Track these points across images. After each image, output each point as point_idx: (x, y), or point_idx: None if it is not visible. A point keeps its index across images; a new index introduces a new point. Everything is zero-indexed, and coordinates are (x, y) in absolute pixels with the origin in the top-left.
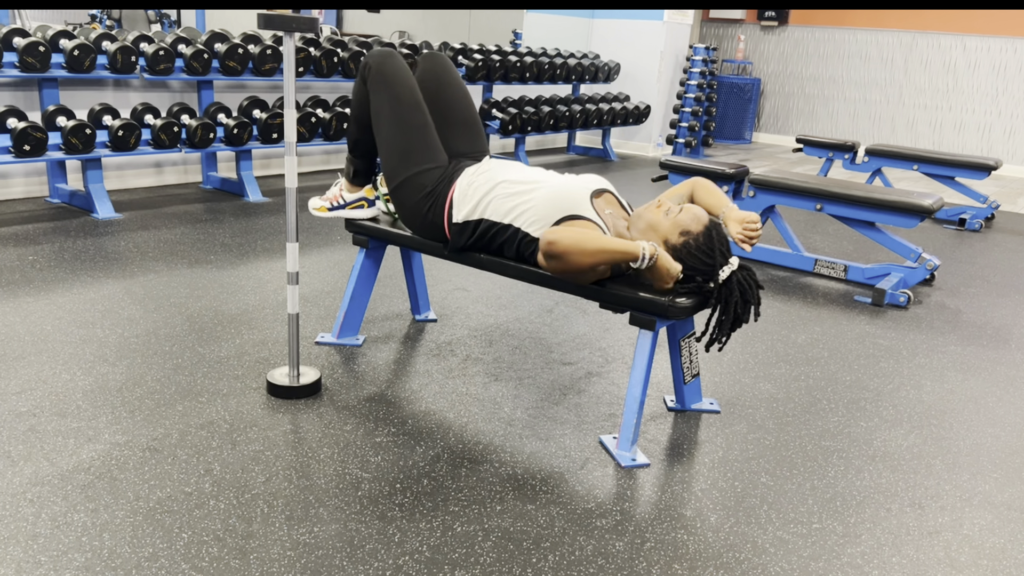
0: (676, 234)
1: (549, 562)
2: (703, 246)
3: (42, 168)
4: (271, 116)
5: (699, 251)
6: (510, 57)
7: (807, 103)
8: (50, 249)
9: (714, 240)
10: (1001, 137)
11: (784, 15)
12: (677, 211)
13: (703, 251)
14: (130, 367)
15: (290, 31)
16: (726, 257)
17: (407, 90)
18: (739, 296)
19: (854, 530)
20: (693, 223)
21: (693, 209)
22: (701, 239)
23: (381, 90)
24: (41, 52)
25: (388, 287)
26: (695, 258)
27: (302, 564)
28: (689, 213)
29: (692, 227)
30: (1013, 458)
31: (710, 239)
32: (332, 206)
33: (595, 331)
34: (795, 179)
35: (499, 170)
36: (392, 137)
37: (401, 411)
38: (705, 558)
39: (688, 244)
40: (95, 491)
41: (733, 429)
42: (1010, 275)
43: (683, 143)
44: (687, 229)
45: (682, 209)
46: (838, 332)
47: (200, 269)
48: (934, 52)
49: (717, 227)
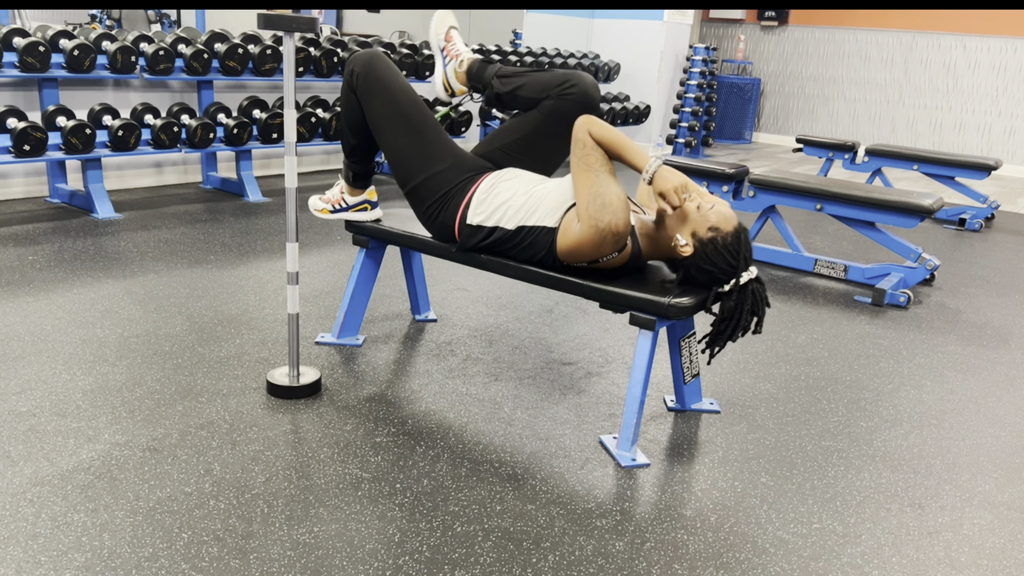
0: (705, 228)
1: (549, 562)
2: (731, 247)
3: (42, 168)
4: (271, 116)
5: (725, 250)
6: (510, 57)
7: (807, 103)
8: (50, 249)
9: (741, 244)
10: (1001, 137)
11: (784, 15)
12: (709, 207)
13: (729, 251)
14: (130, 367)
15: (290, 31)
16: (748, 263)
17: (402, 90)
18: (749, 305)
19: (854, 530)
20: (723, 222)
21: (725, 209)
22: (729, 239)
23: (375, 96)
24: (41, 52)
25: (388, 287)
26: (720, 256)
27: (302, 564)
28: (719, 212)
29: (722, 226)
30: (1013, 458)
31: (738, 242)
32: (334, 209)
33: (595, 331)
34: (795, 179)
35: (522, 181)
36: (397, 143)
37: (401, 411)
38: (705, 558)
39: (715, 240)
40: (95, 491)
41: (733, 429)
42: (1010, 275)
43: (683, 143)
44: (716, 226)
45: (713, 206)
46: (838, 332)
47: (200, 269)
48: (934, 52)
49: (745, 232)
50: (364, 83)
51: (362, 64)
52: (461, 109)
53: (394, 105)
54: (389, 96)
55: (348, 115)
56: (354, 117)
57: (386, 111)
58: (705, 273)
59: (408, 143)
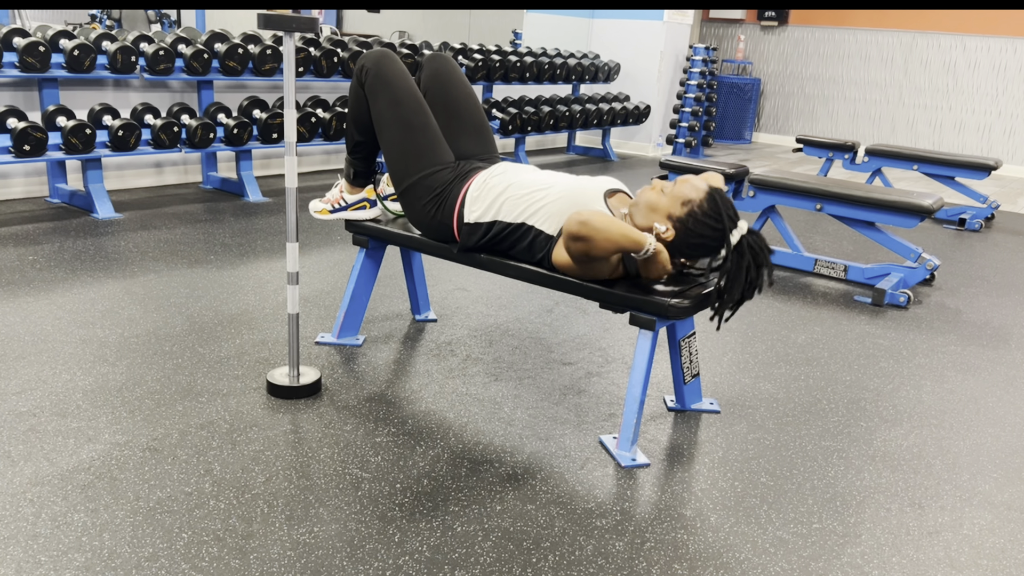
0: (678, 206)
1: (549, 562)
2: (709, 211)
3: (42, 168)
4: (271, 116)
5: (706, 217)
6: (510, 57)
7: (807, 103)
8: (50, 249)
9: (719, 204)
10: (1001, 137)
11: (784, 15)
12: (671, 186)
13: (710, 216)
14: (130, 367)
15: (290, 31)
16: (734, 220)
17: (407, 91)
18: (751, 260)
19: (854, 530)
20: (693, 192)
21: (691, 179)
22: (706, 205)
23: (381, 93)
24: (41, 52)
25: (388, 287)
26: (703, 224)
27: (302, 564)
28: (686, 184)
29: (693, 196)
30: (1013, 458)
31: (715, 204)
32: (333, 208)
33: (595, 331)
34: (795, 179)
35: (513, 173)
36: (396, 140)
37: (401, 411)
38: (705, 558)
39: (693, 212)
40: (95, 491)
41: (733, 429)
42: (1010, 275)
43: (683, 143)
44: (688, 199)
45: (676, 182)
46: (838, 332)
47: (200, 269)
48: (934, 52)
49: (719, 192)
50: (372, 80)
51: (372, 62)
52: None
53: (398, 104)
54: (394, 95)
55: (355, 111)
56: (360, 114)
57: (390, 109)
58: (698, 249)
59: (408, 141)
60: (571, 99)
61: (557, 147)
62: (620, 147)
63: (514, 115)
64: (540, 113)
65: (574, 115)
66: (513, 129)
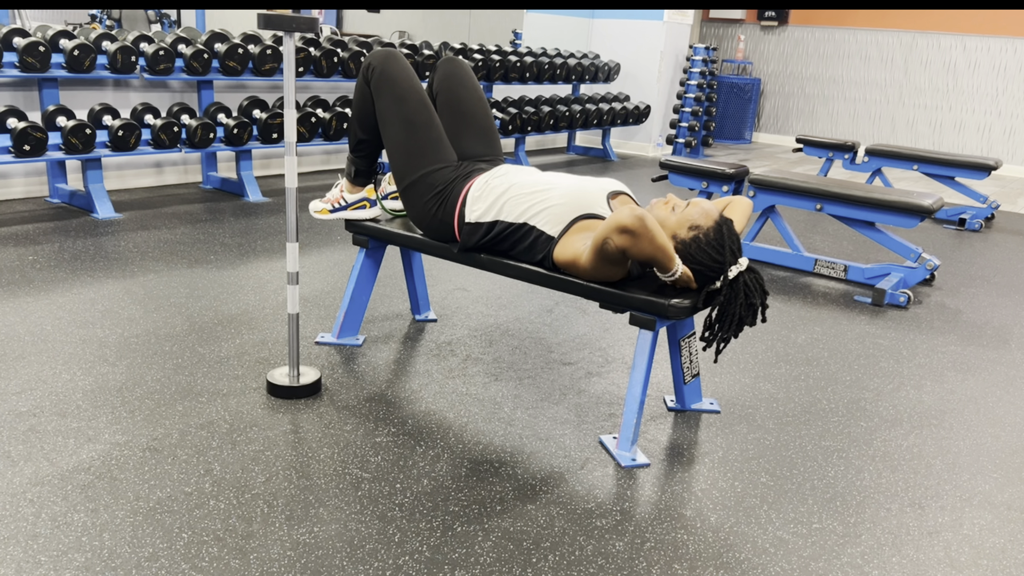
0: (685, 228)
1: (549, 562)
2: (713, 242)
3: (42, 168)
4: (271, 116)
5: (709, 246)
6: (510, 57)
7: (807, 103)
8: (50, 249)
9: (724, 236)
10: (1001, 137)
11: (784, 15)
12: (684, 206)
13: (713, 247)
14: (130, 367)
15: (290, 31)
16: (736, 256)
17: (412, 89)
18: (744, 299)
19: (854, 530)
20: (702, 218)
21: (702, 204)
22: (712, 234)
23: (386, 91)
24: (41, 52)
25: (388, 287)
26: (704, 253)
27: (302, 564)
28: (698, 208)
29: (702, 222)
30: (1013, 458)
31: (720, 235)
32: (334, 208)
33: (595, 331)
34: (795, 179)
35: (515, 174)
36: (400, 138)
37: (401, 411)
38: (705, 558)
39: (698, 239)
40: (95, 491)
41: (733, 429)
42: (1010, 275)
43: (683, 143)
44: (696, 224)
45: (689, 204)
46: (838, 332)
47: (200, 269)
48: (934, 52)
49: (728, 223)
50: (378, 78)
51: (380, 60)
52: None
53: (403, 102)
54: (400, 92)
55: (359, 109)
56: (365, 112)
57: (395, 106)
58: (695, 274)
59: (411, 138)
60: (571, 99)
61: (557, 147)
62: (620, 147)
63: (514, 115)
64: (540, 113)
65: (574, 115)
66: (513, 129)
